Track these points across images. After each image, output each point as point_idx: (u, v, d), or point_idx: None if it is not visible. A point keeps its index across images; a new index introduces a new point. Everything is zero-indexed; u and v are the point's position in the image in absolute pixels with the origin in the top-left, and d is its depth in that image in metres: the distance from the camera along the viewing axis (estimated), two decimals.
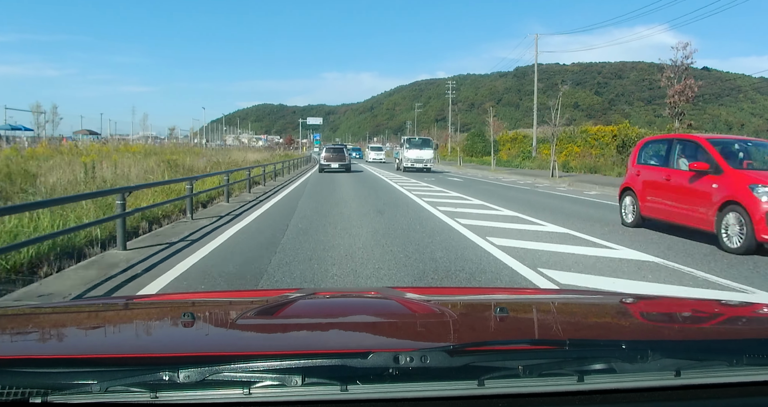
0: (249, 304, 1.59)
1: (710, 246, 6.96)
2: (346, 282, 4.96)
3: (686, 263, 5.98)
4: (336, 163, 27.91)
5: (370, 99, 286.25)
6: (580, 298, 2.05)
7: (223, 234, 7.54)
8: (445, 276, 5.14)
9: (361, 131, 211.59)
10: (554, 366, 0.93)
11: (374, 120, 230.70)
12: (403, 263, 5.66)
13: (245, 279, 4.94)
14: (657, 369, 0.94)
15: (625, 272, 5.53)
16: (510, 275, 5.27)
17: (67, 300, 3.98)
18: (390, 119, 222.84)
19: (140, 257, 5.87)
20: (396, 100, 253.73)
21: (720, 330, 1.43)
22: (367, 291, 1.93)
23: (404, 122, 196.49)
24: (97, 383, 0.86)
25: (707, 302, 2.34)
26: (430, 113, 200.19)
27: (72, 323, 1.42)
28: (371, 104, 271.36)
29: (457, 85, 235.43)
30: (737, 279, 5.26)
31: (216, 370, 0.87)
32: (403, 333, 1.27)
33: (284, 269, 5.31)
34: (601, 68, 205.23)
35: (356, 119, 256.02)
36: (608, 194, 14.96)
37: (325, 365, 0.90)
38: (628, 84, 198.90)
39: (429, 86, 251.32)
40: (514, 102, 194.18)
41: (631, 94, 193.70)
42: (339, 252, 6.27)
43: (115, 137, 38.70)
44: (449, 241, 7.09)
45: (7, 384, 0.86)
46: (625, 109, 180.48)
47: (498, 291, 3.05)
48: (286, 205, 11.65)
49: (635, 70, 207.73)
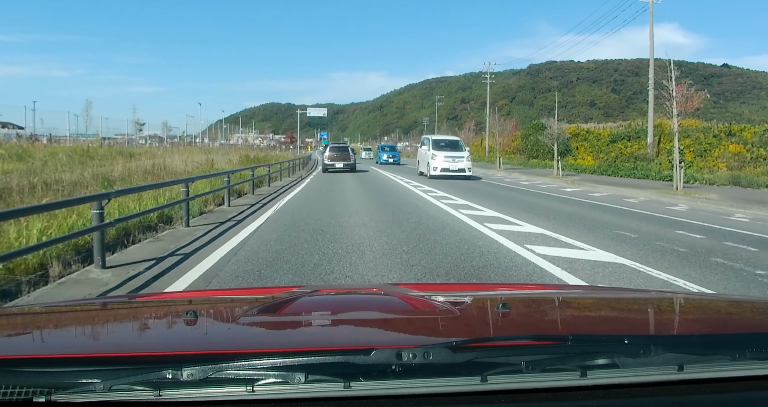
0: (251, 302, 1.60)
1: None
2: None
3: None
4: (340, 163, 27.54)
5: (379, 97, 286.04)
6: (582, 294, 2.06)
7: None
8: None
9: (371, 130, 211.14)
10: (557, 362, 0.94)
11: (384, 119, 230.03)
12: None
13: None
14: (660, 363, 0.95)
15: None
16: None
17: (68, 299, 3.96)
18: (400, 118, 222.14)
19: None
20: (406, 99, 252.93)
21: (723, 324, 1.44)
22: (370, 288, 1.94)
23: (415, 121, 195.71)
24: (100, 382, 0.87)
25: (710, 296, 2.30)
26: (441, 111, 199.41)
27: (74, 322, 1.45)
28: (380, 103, 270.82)
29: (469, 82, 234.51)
30: None
31: (219, 368, 0.88)
32: (406, 330, 1.28)
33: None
34: (618, 65, 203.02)
35: (365, 118, 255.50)
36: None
37: (328, 362, 0.91)
38: (646, 81, 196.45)
39: (440, 84, 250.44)
40: (527, 100, 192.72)
41: (648, 91, 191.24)
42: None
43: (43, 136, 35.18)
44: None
45: (10, 383, 0.87)
46: (643, 107, 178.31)
47: (500, 287, 3.01)
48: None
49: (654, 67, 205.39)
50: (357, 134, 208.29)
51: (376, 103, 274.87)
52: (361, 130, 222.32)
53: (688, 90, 16.66)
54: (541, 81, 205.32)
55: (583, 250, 6.68)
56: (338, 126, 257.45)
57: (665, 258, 6.33)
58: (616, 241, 7.39)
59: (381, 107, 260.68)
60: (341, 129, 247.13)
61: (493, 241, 7.14)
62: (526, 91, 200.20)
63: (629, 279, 5.27)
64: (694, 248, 7.05)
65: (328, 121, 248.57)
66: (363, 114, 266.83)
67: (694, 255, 6.52)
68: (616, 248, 6.87)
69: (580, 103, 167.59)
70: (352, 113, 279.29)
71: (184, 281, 4.97)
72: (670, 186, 17.17)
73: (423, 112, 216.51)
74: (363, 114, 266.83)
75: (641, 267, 5.76)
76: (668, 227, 9.13)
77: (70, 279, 5.16)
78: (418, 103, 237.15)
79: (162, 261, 5.88)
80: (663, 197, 14.95)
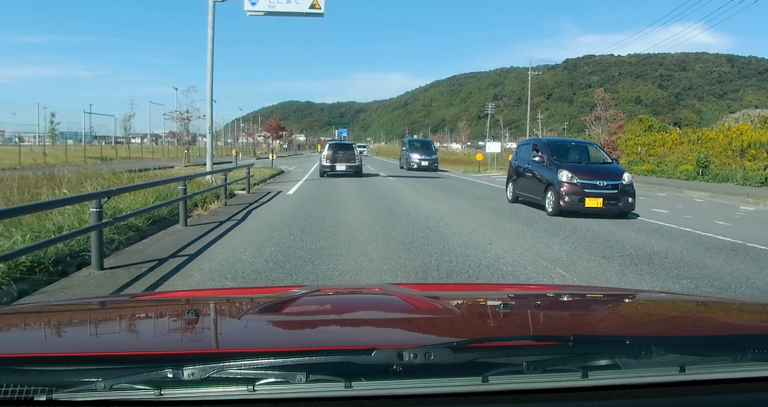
0: (252, 301, 1.63)
1: None
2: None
3: None
4: (342, 165, 21.91)
5: (403, 95, 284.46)
6: (583, 294, 2.11)
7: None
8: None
9: (395, 129, 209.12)
10: (558, 362, 0.97)
11: (409, 117, 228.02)
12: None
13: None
14: (661, 364, 0.98)
15: None
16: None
17: (69, 298, 4.01)
18: (426, 116, 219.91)
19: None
20: (432, 96, 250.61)
21: (724, 325, 1.47)
22: (371, 288, 1.99)
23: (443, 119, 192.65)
24: (101, 381, 0.90)
25: (711, 297, 2.45)
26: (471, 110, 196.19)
27: (75, 321, 1.49)
28: (405, 100, 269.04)
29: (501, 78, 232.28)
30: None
31: (220, 367, 0.91)
32: (407, 330, 1.32)
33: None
34: (662, 60, 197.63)
35: (389, 116, 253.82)
36: None
37: (329, 362, 0.94)
38: (695, 76, 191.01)
39: (468, 80, 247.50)
40: (566, 97, 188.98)
41: (699, 87, 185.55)
42: None
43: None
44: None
45: (11, 382, 0.90)
46: (695, 104, 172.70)
47: (502, 287, 3.06)
48: None
49: (700, 62, 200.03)
50: (380, 133, 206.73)
51: (400, 101, 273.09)
52: (385, 129, 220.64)
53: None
54: (579, 76, 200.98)
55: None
56: (360, 125, 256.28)
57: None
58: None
59: (406, 105, 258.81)
60: (363, 128, 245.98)
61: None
62: (563, 87, 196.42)
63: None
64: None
65: (349, 120, 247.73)
66: (386, 112, 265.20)
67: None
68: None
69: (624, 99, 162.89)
70: (374, 111, 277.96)
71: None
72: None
73: (451, 109, 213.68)
74: (386, 112, 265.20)
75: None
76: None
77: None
78: (446, 101, 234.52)
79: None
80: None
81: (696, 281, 5.49)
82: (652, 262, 6.39)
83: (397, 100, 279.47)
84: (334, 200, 12.96)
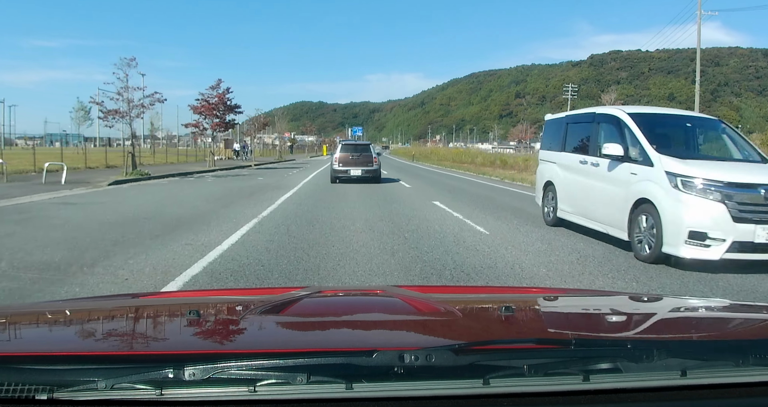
0: (254, 302, 1.66)
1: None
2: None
3: None
4: (358, 169, 18.92)
5: (420, 94, 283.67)
6: (585, 298, 2.14)
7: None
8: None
9: (412, 130, 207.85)
10: (560, 366, 1.00)
11: (426, 117, 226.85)
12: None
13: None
14: (663, 368, 1.00)
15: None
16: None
17: (70, 298, 4.08)
18: (445, 115, 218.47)
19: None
20: (450, 94, 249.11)
21: (726, 329, 1.48)
22: (373, 290, 1.99)
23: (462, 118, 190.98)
24: (102, 380, 0.92)
25: (713, 301, 2.41)
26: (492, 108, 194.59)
27: (77, 320, 1.51)
28: (422, 99, 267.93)
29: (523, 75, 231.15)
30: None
31: (221, 368, 0.93)
32: (409, 332, 1.35)
33: None
34: (693, 55, 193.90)
35: (405, 116, 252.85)
36: None
37: (330, 363, 0.96)
38: (730, 72, 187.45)
39: (488, 78, 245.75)
40: (593, 94, 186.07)
41: (735, 83, 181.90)
42: None
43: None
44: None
45: (12, 380, 0.92)
46: (732, 100, 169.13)
47: (503, 290, 3.10)
48: None
49: (735, 56, 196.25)
50: (396, 133, 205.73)
51: (416, 100, 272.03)
52: (401, 129, 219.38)
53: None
54: (606, 72, 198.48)
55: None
56: (374, 125, 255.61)
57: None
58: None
59: (422, 104, 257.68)
60: (378, 128, 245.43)
61: None
62: (590, 83, 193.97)
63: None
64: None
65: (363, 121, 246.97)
66: (402, 112, 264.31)
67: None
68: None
69: (656, 96, 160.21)
70: (389, 111, 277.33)
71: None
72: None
73: (471, 108, 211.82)
74: (402, 112, 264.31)
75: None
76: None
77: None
78: (465, 99, 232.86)
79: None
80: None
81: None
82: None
83: (414, 99, 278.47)
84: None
